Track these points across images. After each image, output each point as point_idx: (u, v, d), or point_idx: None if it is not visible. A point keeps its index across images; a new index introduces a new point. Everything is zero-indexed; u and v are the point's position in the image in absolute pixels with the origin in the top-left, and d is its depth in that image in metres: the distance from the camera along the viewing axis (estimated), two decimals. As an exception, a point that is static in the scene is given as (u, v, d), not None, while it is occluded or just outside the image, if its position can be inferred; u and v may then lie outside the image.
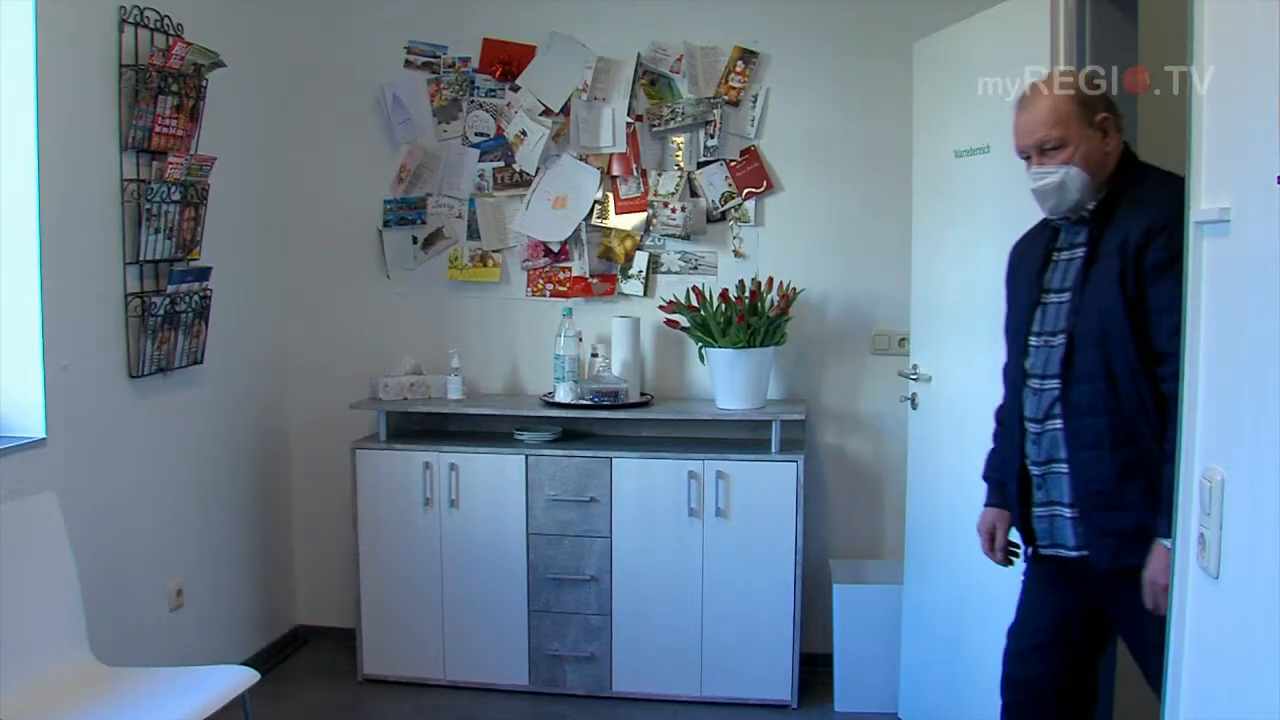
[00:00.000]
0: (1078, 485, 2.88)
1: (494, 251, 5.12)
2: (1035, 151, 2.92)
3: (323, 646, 5.28)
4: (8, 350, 3.65)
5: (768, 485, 4.52)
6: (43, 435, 3.67)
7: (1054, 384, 2.91)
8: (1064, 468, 2.91)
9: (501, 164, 5.07)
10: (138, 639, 4.11)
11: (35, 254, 3.61)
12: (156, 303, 4.14)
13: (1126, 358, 2.74)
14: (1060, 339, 2.90)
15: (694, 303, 4.72)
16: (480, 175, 5.09)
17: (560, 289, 5.07)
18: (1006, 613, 3.32)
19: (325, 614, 5.36)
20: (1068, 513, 2.92)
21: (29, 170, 3.59)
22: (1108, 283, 2.78)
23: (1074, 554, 2.93)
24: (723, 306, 4.64)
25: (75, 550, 3.59)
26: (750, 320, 4.57)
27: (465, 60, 5.07)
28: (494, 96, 5.06)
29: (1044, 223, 3.06)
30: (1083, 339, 2.84)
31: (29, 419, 3.66)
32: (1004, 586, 3.40)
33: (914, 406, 4.31)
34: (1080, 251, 2.91)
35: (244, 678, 3.50)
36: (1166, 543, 2.48)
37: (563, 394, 4.81)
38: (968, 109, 3.79)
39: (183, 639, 4.43)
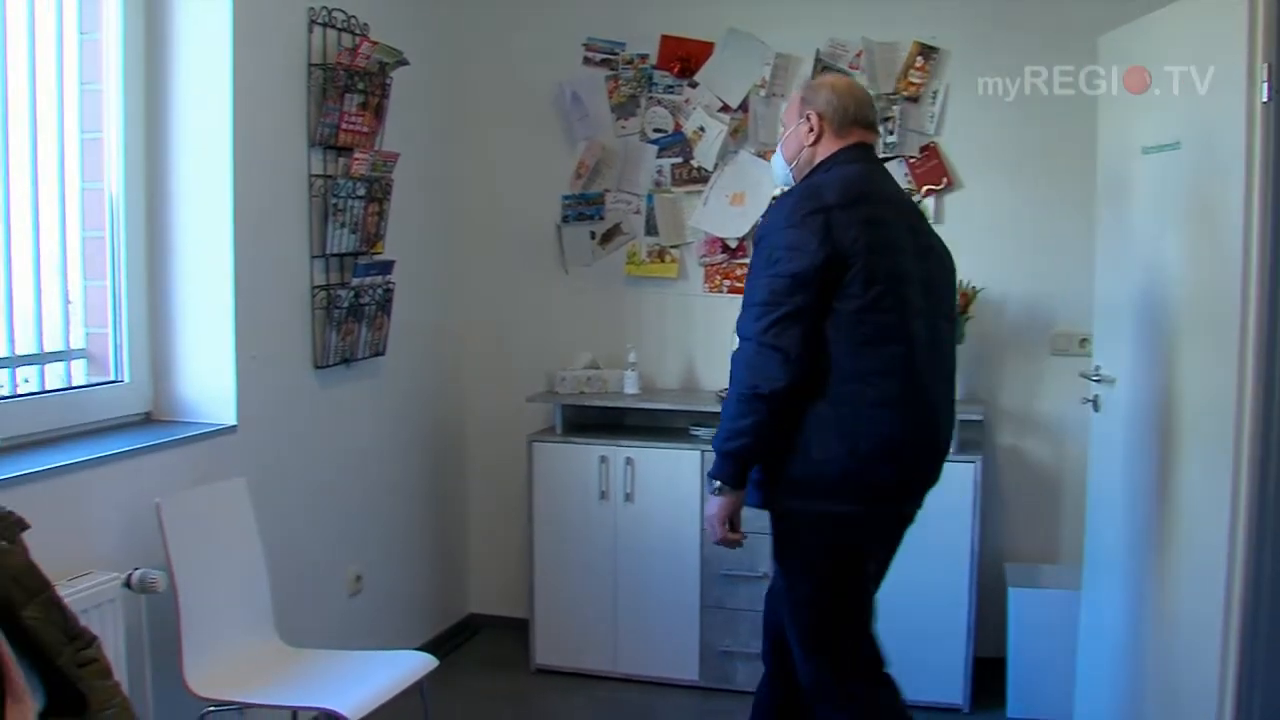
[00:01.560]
0: None
1: (672, 247, 5.14)
2: None
3: (494, 636, 5.36)
4: (205, 341, 3.77)
5: (944, 486, 4.37)
6: (234, 423, 3.78)
7: None
8: None
9: (680, 160, 5.09)
10: (318, 622, 4.21)
11: (230, 247, 3.73)
12: (341, 295, 4.24)
13: None
14: None
15: (870, 300, 4.68)
16: (658, 171, 5.12)
17: (737, 285, 5.03)
18: (1189, 622, 3.22)
19: (498, 604, 5.44)
20: None
21: (225, 166, 3.70)
22: None
23: None
24: (900, 305, 4.57)
25: (262, 534, 3.71)
26: (927, 319, 4.50)
27: (643, 57, 5.10)
28: (672, 93, 5.08)
29: None
30: None
31: (222, 407, 3.78)
32: (1189, 597, 3.31)
33: (1096, 409, 4.16)
34: None
35: (423, 664, 3.55)
36: (714, 483, 3.07)
37: (737, 390, 4.79)
38: (1157, 104, 3.65)
39: (360, 624, 4.54)
